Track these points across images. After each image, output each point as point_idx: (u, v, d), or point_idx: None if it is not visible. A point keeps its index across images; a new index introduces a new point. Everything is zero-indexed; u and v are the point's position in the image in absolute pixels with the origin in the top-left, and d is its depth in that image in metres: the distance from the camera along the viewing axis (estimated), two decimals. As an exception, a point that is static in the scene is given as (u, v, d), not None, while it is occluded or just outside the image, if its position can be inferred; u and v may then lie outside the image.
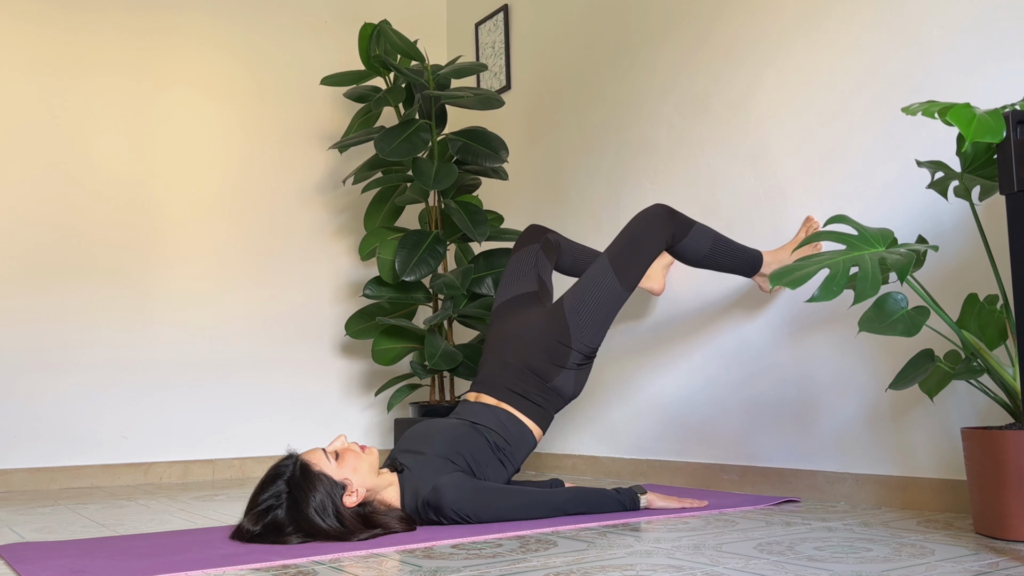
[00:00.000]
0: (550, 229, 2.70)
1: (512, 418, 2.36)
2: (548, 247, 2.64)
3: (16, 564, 1.74)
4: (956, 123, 1.61)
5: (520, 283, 2.58)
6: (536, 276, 2.58)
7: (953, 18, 2.22)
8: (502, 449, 2.30)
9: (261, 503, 1.92)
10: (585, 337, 2.38)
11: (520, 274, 2.59)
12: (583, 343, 2.38)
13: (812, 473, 2.49)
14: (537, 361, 2.39)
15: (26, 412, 3.35)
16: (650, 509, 2.24)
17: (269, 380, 3.76)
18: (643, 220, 2.42)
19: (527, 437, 2.37)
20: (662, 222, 2.41)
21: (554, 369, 2.39)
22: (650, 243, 2.39)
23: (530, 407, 2.38)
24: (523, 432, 2.37)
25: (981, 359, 1.85)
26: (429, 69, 3.38)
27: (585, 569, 1.55)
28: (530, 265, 2.60)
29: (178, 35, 3.73)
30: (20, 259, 3.38)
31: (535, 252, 2.62)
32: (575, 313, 2.38)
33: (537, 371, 2.39)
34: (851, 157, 2.45)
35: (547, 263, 2.63)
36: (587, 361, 2.43)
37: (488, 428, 2.32)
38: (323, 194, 3.94)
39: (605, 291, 2.37)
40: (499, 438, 2.31)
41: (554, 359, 2.38)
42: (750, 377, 2.70)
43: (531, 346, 2.41)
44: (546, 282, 2.61)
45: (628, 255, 2.38)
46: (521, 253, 2.63)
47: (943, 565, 1.54)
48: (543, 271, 2.61)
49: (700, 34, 2.92)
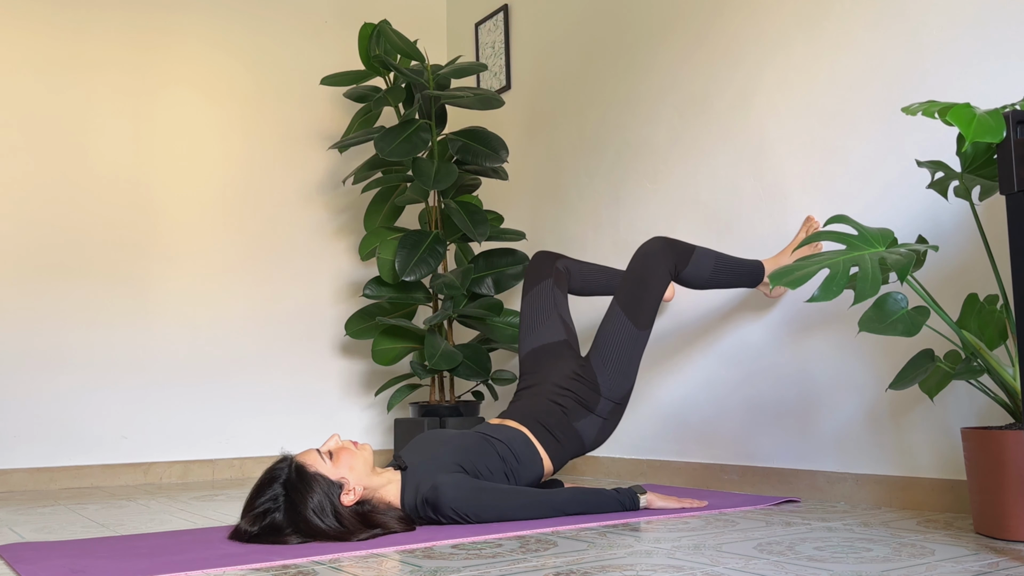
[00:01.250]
0: (557, 255, 2.70)
1: (527, 441, 2.35)
2: (560, 279, 2.66)
3: (16, 564, 1.74)
4: (956, 123, 1.61)
5: (546, 329, 2.59)
6: (559, 320, 2.61)
7: (953, 18, 2.21)
8: (509, 464, 2.28)
9: (258, 506, 1.92)
10: (615, 386, 2.41)
11: (542, 318, 2.61)
12: (613, 391, 2.41)
13: (812, 473, 2.49)
14: (567, 401, 2.41)
15: (26, 412, 3.35)
16: (650, 509, 2.24)
17: (269, 380, 3.76)
18: (644, 258, 2.43)
19: (536, 463, 2.34)
20: (663, 256, 2.42)
21: (582, 412, 2.40)
22: (655, 280, 2.41)
23: (548, 439, 2.37)
24: (534, 457, 2.34)
25: (981, 359, 1.85)
26: (429, 69, 3.38)
27: (585, 569, 1.55)
28: (550, 306, 2.61)
29: (178, 35, 3.73)
30: (20, 259, 3.38)
31: (550, 290, 2.63)
32: (601, 364, 2.41)
33: (565, 409, 2.40)
34: (851, 157, 2.45)
35: (563, 299, 2.66)
36: (616, 411, 2.44)
37: (500, 441, 2.30)
38: (323, 194, 3.94)
39: (624, 338, 2.40)
40: (508, 452, 2.29)
41: (584, 402, 2.40)
42: (750, 377, 2.70)
43: (563, 388, 2.43)
44: (570, 325, 2.63)
45: (637, 297, 2.41)
46: (536, 292, 2.64)
47: (943, 565, 1.54)
48: (563, 311, 2.63)
49: (699, 34, 2.92)
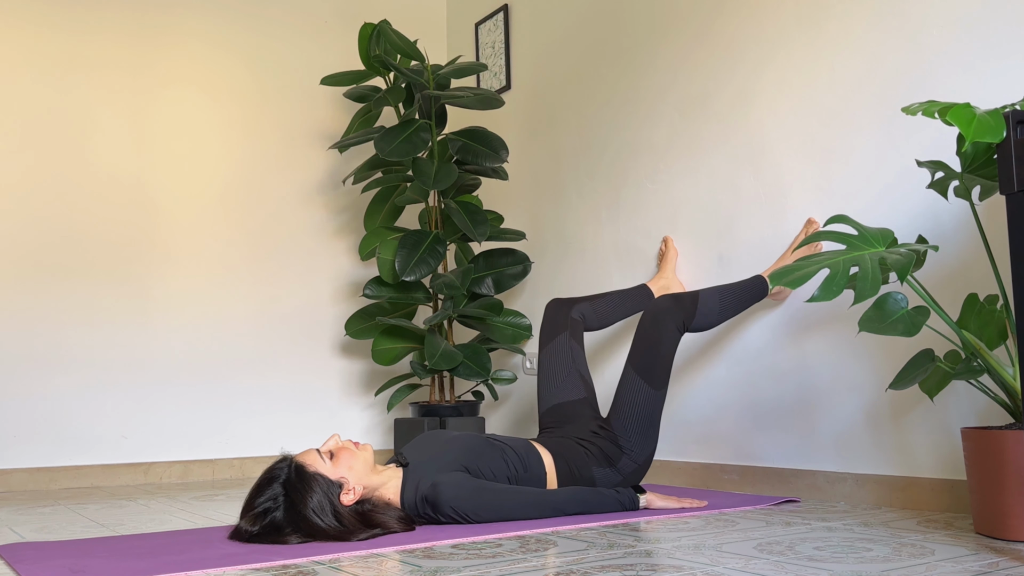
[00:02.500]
0: (571, 302, 2.69)
1: (538, 457, 2.33)
2: (576, 330, 2.66)
3: (16, 564, 1.74)
4: (956, 123, 1.61)
5: (565, 386, 2.59)
6: (578, 376, 2.60)
7: (953, 17, 2.21)
8: (514, 468, 2.26)
9: (258, 506, 1.92)
10: (638, 447, 2.40)
11: (561, 374, 2.60)
12: (637, 451, 2.40)
13: (812, 473, 2.48)
14: (591, 448, 2.39)
15: (26, 412, 3.35)
16: (649, 509, 2.24)
17: (269, 380, 3.76)
18: (653, 320, 2.43)
19: (541, 477, 2.32)
20: (670, 315, 2.42)
21: (604, 462, 2.38)
22: (666, 340, 2.41)
23: (563, 466, 2.35)
24: (540, 470, 2.32)
25: (981, 359, 1.85)
26: (429, 69, 3.38)
27: (585, 569, 1.55)
28: (568, 362, 2.61)
29: (178, 34, 3.73)
30: (20, 258, 3.38)
31: (567, 343, 2.63)
32: (623, 428, 2.40)
33: (589, 453, 2.39)
34: (851, 157, 2.45)
35: (580, 351, 2.66)
36: (638, 472, 2.43)
37: (507, 447, 2.29)
38: (323, 194, 3.94)
39: (642, 401, 2.40)
40: (516, 459, 2.28)
41: (607, 456, 2.39)
42: (750, 377, 2.70)
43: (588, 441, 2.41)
44: (588, 381, 2.63)
45: (650, 360, 2.41)
46: (553, 346, 2.64)
47: (943, 565, 1.54)
48: (581, 366, 2.63)
49: (699, 33, 2.92)
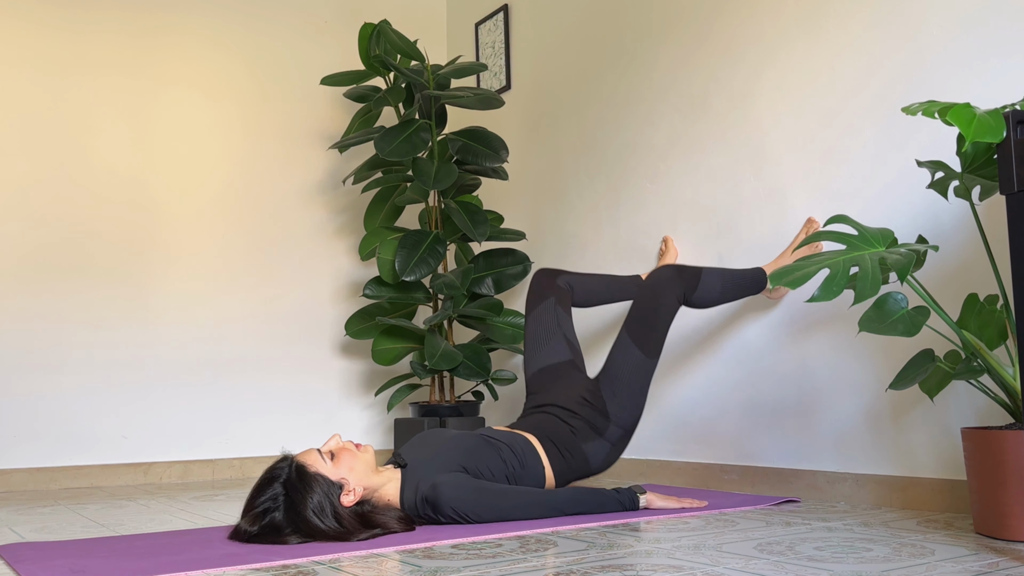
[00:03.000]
0: (559, 271, 2.69)
1: (532, 449, 2.33)
2: (563, 298, 2.65)
3: (16, 564, 1.74)
4: (956, 123, 1.61)
5: (551, 350, 2.59)
6: (564, 340, 2.60)
7: (953, 17, 2.22)
8: (511, 466, 2.26)
9: (258, 506, 1.92)
10: (624, 411, 2.40)
11: (547, 338, 2.60)
12: (622, 418, 2.40)
13: (812, 473, 2.48)
14: (576, 422, 2.40)
15: (26, 412, 3.35)
16: (649, 509, 2.24)
17: (269, 380, 3.76)
18: (653, 288, 2.43)
19: (539, 472, 2.32)
20: (672, 285, 2.42)
21: (591, 434, 2.39)
22: (664, 308, 2.41)
23: (554, 453, 2.36)
24: (537, 464, 2.32)
25: (981, 359, 1.85)
26: (429, 69, 3.38)
27: (585, 569, 1.55)
28: (554, 326, 2.61)
29: (178, 34, 3.73)
30: (20, 258, 3.38)
31: (553, 309, 2.62)
32: (611, 392, 2.40)
33: (575, 429, 2.39)
34: (851, 157, 2.45)
35: (567, 318, 2.65)
36: (625, 437, 2.43)
37: (503, 444, 2.29)
38: (323, 194, 3.94)
39: (634, 367, 2.40)
40: (512, 456, 2.28)
41: (593, 426, 2.40)
42: (750, 377, 2.70)
43: (572, 411, 2.42)
44: (575, 344, 2.63)
45: (647, 327, 2.41)
46: (539, 312, 2.63)
47: (943, 565, 1.54)
48: (567, 330, 2.63)
49: (699, 34, 2.92)
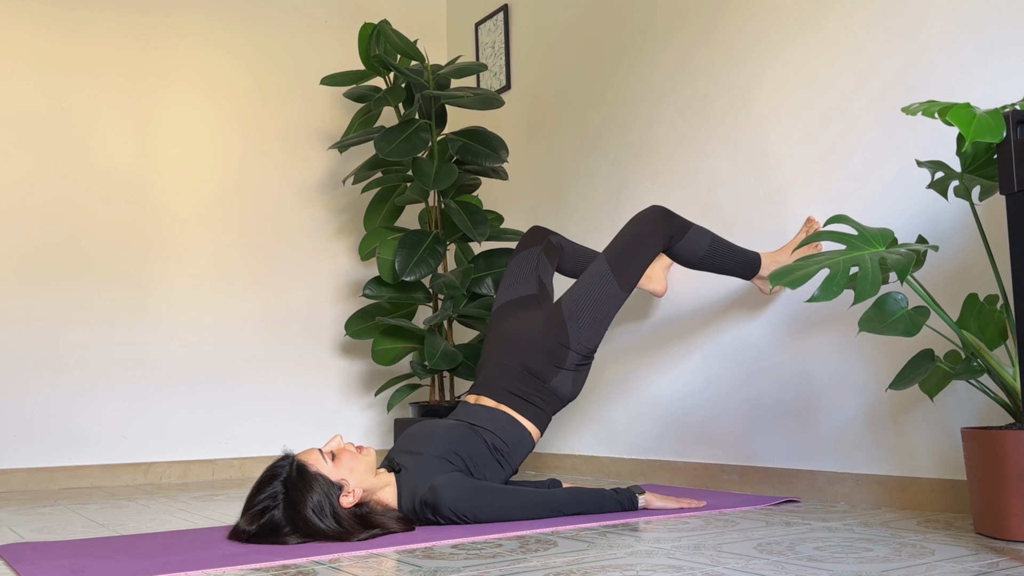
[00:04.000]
0: (553, 231, 2.70)
1: (511, 419, 2.37)
2: (550, 249, 2.64)
3: (16, 564, 1.74)
4: (956, 123, 1.61)
5: (520, 286, 2.59)
6: (536, 279, 2.59)
7: (953, 17, 2.21)
8: (500, 450, 2.31)
9: (257, 504, 1.92)
10: (583, 338, 2.39)
11: (521, 277, 2.60)
12: (581, 344, 2.39)
13: (812, 473, 2.48)
14: (535, 362, 2.40)
15: (26, 412, 3.35)
16: (648, 509, 2.24)
17: (269, 380, 3.76)
18: (640, 221, 2.43)
19: (525, 439, 2.38)
20: (659, 223, 2.41)
21: (552, 370, 2.39)
22: (647, 244, 2.39)
23: (528, 408, 2.39)
24: (521, 434, 2.37)
25: (981, 359, 1.85)
26: (429, 69, 3.38)
27: (585, 569, 1.55)
28: (531, 267, 2.60)
29: (178, 35, 3.73)
30: (20, 258, 3.38)
31: (536, 254, 2.62)
32: (573, 315, 2.38)
33: (535, 372, 2.40)
34: (851, 157, 2.45)
35: (548, 266, 2.64)
36: (585, 362, 2.43)
37: (486, 429, 2.32)
38: (323, 194, 3.94)
39: (603, 292, 2.38)
40: (497, 439, 2.31)
41: (552, 360, 2.39)
42: (750, 377, 2.70)
43: (529, 347, 2.42)
44: (546, 285, 2.61)
45: (626, 256, 2.39)
46: (523, 255, 2.63)
47: (943, 565, 1.54)
48: (544, 274, 2.62)
49: (700, 34, 2.92)
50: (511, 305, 2.57)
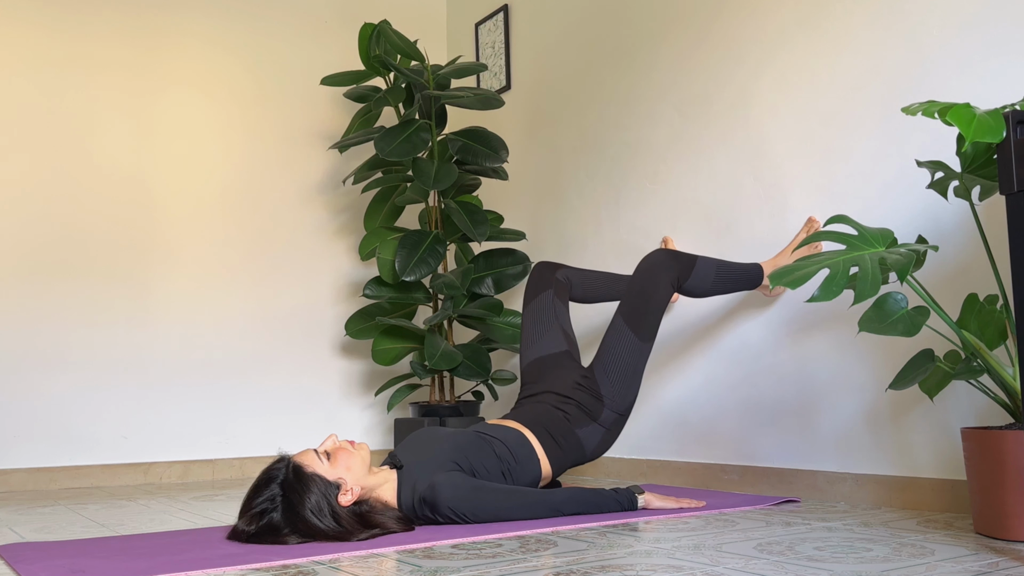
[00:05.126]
0: (558, 265, 2.72)
1: (526, 441, 2.34)
2: (560, 290, 2.67)
3: (16, 564, 1.74)
4: (956, 123, 1.61)
5: (547, 340, 2.61)
6: (560, 331, 2.62)
7: (953, 17, 2.21)
8: (506, 462, 2.27)
9: (255, 507, 1.92)
10: (617, 395, 2.42)
11: (544, 329, 2.62)
12: (616, 401, 2.42)
13: (812, 473, 2.48)
14: (570, 408, 2.42)
15: (26, 412, 3.35)
16: (648, 509, 2.24)
17: (269, 380, 3.76)
18: (647, 271, 2.45)
19: (534, 464, 2.33)
20: (665, 268, 2.44)
21: (585, 419, 2.41)
22: (658, 292, 2.42)
23: (549, 442, 2.37)
24: (532, 458, 2.33)
25: (981, 359, 1.85)
26: (429, 69, 3.38)
27: (585, 569, 1.55)
28: (551, 317, 2.63)
29: (179, 35, 3.73)
30: (20, 258, 3.38)
31: (551, 301, 2.64)
32: (604, 376, 2.42)
33: (568, 415, 2.41)
34: (851, 157, 2.45)
35: (564, 310, 2.67)
36: (619, 422, 2.45)
37: (497, 440, 2.29)
38: (323, 194, 3.94)
39: (627, 350, 2.41)
40: (506, 452, 2.28)
41: (587, 411, 2.41)
42: (750, 377, 2.70)
43: (566, 397, 2.44)
44: (571, 335, 2.64)
45: (640, 310, 2.42)
46: (537, 303, 2.65)
47: (943, 565, 1.54)
48: (564, 323, 2.64)
49: (700, 34, 2.92)
50: (542, 362, 2.58)
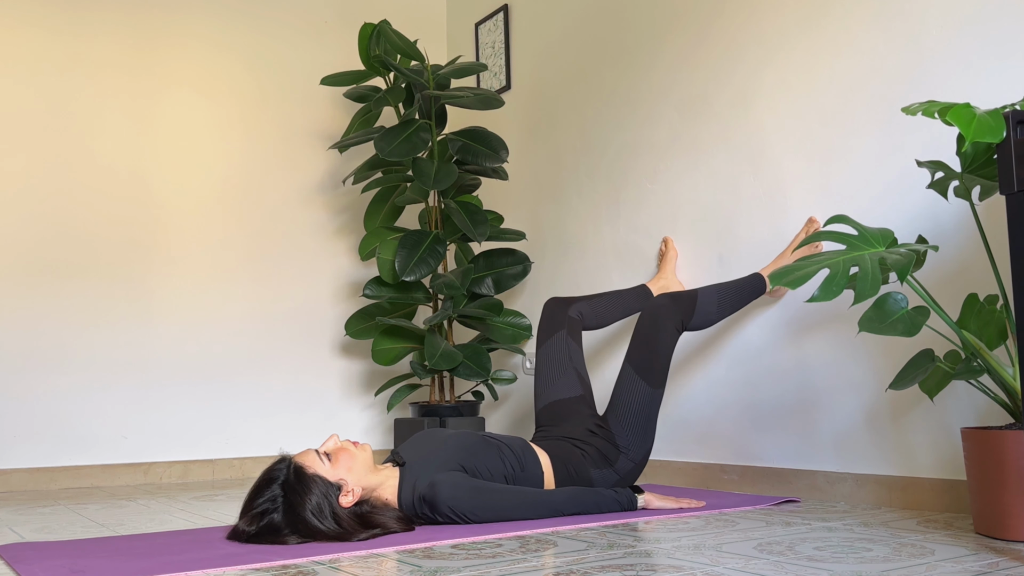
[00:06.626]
0: (570, 300, 2.71)
1: (535, 456, 2.32)
2: (573, 328, 2.66)
3: (16, 564, 1.74)
4: (956, 123, 1.61)
5: (561, 384, 2.60)
6: (575, 374, 2.61)
7: (953, 17, 2.21)
8: (510, 466, 2.26)
9: (256, 507, 1.92)
10: (635, 446, 2.42)
11: (558, 372, 2.61)
12: (633, 450, 2.42)
13: (812, 473, 2.48)
14: (588, 450, 2.40)
15: (26, 412, 3.35)
16: (647, 509, 2.24)
17: (269, 380, 3.76)
18: (651, 319, 2.45)
19: (538, 476, 2.31)
20: (668, 313, 2.44)
21: (603, 462, 2.39)
22: (664, 339, 2.43)
23: (559, 466, 2.35)
24: (536, 469, 2.31)
25: (981, 359, 1.85)
26: (429, 69, 3.38)
27: (585, 569, 1.55)
28: (565, 360, 2.62)
29: (179, 35, 3.73)
30: (21, 257, 3.38)
31: (564, 342, 2.64)
32: (620, 428, 2.42)
33: (585, 454, 2.39)
34: (851, 157, 2.45)
35: (578, 349, 2.66)
36: (635, 471, 2.44)
37: (504, 445, 2.29)
38: (323, 194, 3.94)
39: (640, 400, 2.42)
40: (512, 457, 2.27)
41: (605, 456, 2.40)
42: (750, 377, 2.70)
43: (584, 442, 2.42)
44: (585, 379, 2.64)
45: (648, 358, 2.43)
46: (550, 345, 2.64)
47: (943, 565, 1.54)
48: (579, 364, 2.64)
49: (700, 33, 2.92)
50: (558, 407, 2.57)
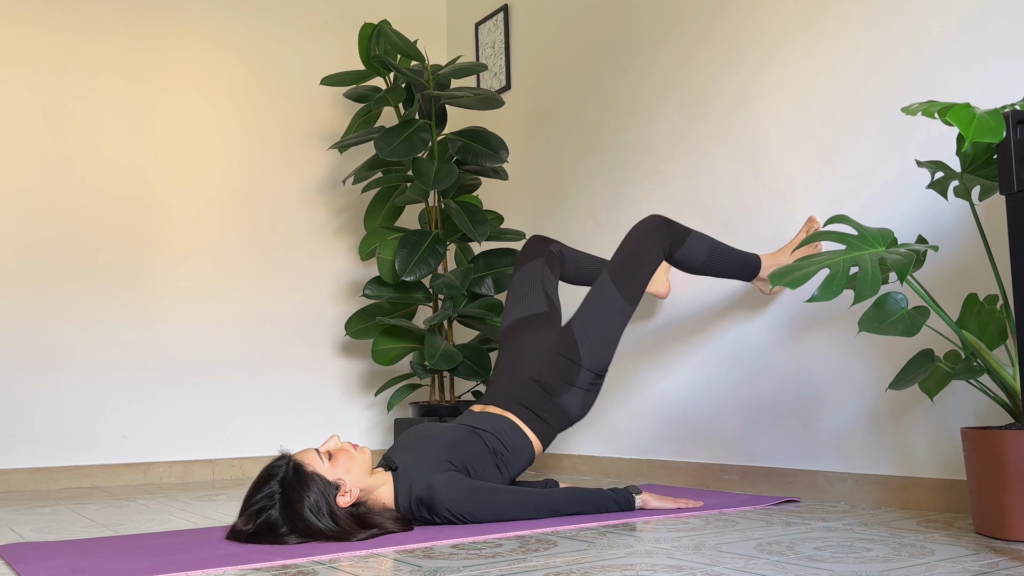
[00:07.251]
0: (553, 239, 2.72)
1: (514, 426, 2.38)
2: (552, 260, 2.66)
3: (16, 564, 1.74)
4: (956, 123, 1.61)
5: (529, 303, 2.61)
6: (544, 295, 2.61)
7: (953, 17, 2.21)
8: (500, 454, 2.30)
9: (254, 503, 1.92)
10: (594, 355, 2.41)
11: (527, 293, 2.62)
12: (592, 361, 2.41)
13: (812, 473, 2.48)
14: (547, 377, 2.42)
15: (26, 412, 3.35)
16: (645, 509, 2.24)
17: (269, 380, 3.76)
18: (639, 232, 2.44)
19: (526, 448, 2.38)
20: (658, 232, 2.43)
21: (563, 386, 2.41)
22: (648, 255, 2.42)
23: (534, 420, 2.40)
24: (523, 442, 2.37)
25: (981, 359, 1.85)
26: (429, 69, 3.38)
27: (585, 569, 1.55)
28: (536, 282, 2.62)
29: (179, 35, 3.73)
30: (21, 257, 3.38)
31: (540, 268, 2.64)
32: (584, 334, 2.41)
33: (545, 386, 2.41)
34: (851, 157, 2.45)
35: (552, 278, 2.66)
36: (597, 381, 2.45)
37: (488, 432, 2.32)
38: (323, 194, 3.94)
39: (610, 308, 2.41)
40: (498, 443, 2.31)
41: (564, 377, 2.41)
42: (750, 377, 2.70)
43: (542, 364, 2.44)
44: (554, 300, 2.64)
45: (628, 269, 2.42)
46: (525, 269, 2.65)
47: (943, 565, 1.54)
48: (550, 288, 2.64)
49: (700, 34, 2.92)
50: (522, 323, 2.58)
